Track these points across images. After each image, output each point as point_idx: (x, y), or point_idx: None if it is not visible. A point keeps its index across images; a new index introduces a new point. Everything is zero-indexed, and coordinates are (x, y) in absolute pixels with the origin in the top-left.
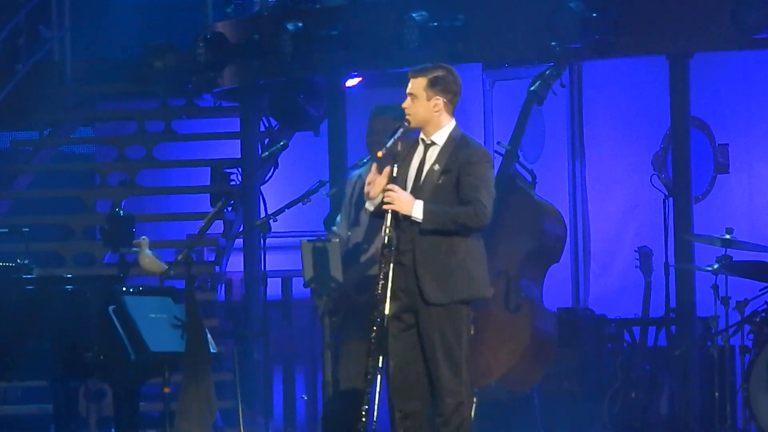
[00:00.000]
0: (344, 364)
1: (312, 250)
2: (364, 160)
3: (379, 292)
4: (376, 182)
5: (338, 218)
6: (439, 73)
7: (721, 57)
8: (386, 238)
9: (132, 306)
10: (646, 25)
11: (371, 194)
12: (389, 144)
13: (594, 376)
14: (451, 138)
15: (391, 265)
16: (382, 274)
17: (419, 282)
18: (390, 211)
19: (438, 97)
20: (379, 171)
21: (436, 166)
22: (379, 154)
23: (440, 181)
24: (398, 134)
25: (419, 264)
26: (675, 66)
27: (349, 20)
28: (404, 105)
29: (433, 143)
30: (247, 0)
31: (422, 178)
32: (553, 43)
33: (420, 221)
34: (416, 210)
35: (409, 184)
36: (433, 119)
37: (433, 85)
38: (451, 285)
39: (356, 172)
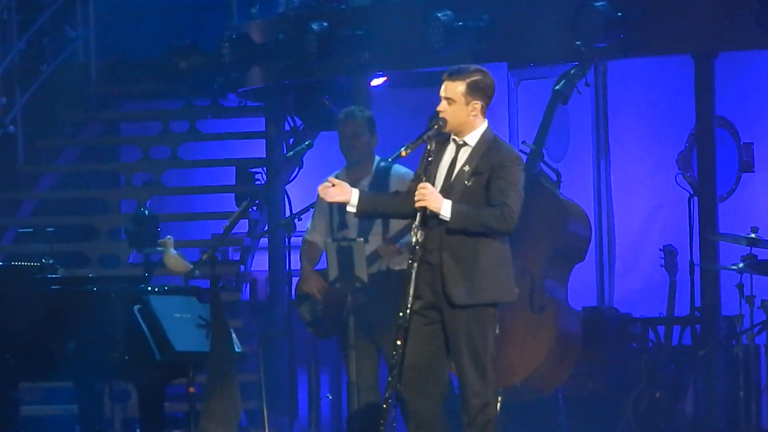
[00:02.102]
0: (350, 363)
1: (337, 250)
2: (392, 158)
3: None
4: (333, 191)
5: (309, 224)
6: (478, 77)
7: (745, 56)
8: (415, 236)
9: (157, 306)
10: (671, 25)
11: (322, 194)
12: (415, 142)
13: (619, 376)
14: (484, 139)
15: (415, 264)
16: (409, 271)
17: (445, 283)
18: (420, 208)
19: (477, 101)
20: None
21: (467, 168)
22: (404, 153)
23: (470, 183)
24: (431, 133)
25: (446, 265)
26: (700, 65)
27: (374, 20)
28: (440, 108)
29: (465, 144)
30: (272, 0)
31: (452, 178)
32: (578, 43)
33: (447, 220)
34: (444, 208)
35: (439, 183)
36: (469, 123)
37: (472, 89)
38: (477, 287)
39: (331, 175)
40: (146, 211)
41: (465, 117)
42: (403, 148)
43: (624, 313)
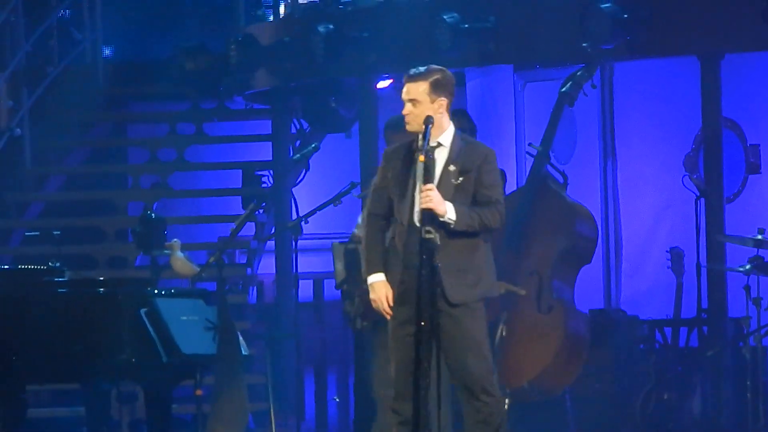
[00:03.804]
0: (379, 365)
1: (344, 252)
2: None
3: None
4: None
5: (359, 219)
6: (439, 75)
7: (752, 57)
8: (425, 238)
9: (164, 308)
10: (678, 26)
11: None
12: (426, 147)
13: (626, 378)
14: (456, 138)
15: (435, 263)
16: (426, 274)
17: (443, 283)
18: (425, 211)
19: (442, 98)
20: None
21: (452, 167)
22: (422, 158)
23: (459, 182)
24: (429, 135)
25: (442, 265)
26: (706, 66)
27: (380, 22)
28: (405, 111)
29: (440, 144)
30: (279, 2)
31: (436, 179)
32: (584, 44)
33: (453, 222)
34: (450, 211)
35: (418, 187)
36: (437, 121)
37: (436, 87)
38: (473, 284)
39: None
40: (153, 214)
41: (433, 115)
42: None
43: (631, 315)
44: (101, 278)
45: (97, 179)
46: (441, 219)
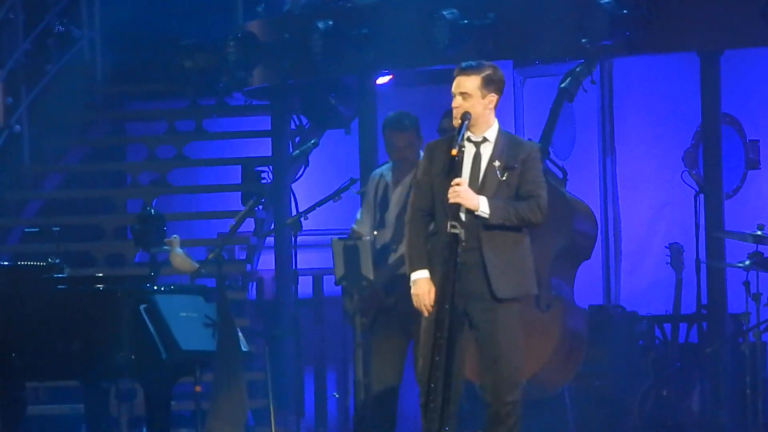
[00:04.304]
0: (376, 362)
1: (343, 249)
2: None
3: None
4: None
5: (358, 215)
6: (491, 71)
7: (751, 53)
8: (451, 234)
9: (163, 305)
10: (677, 22)
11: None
12: (460, 141)
13: (625, 374)
14: (501, 134)
15: (458, 260)
16: (446, 270)
17: (489, 279)
18: (455, 206)
19: (493, 94)
20: (449, 169)
21: (497, 163)
22: (454, 152)
23: (504, 178)
24: (464, 130)
25: (489, 261)
26: (706, 62)
27: (380, 19)
28: (455, 104)
29: (485, 140)
30: None
31: (481, 175)
32: (583, 40)
33: (487, 216)
34: (482, 205)
35: (464, 182)
36: (485, 117)
37: (488, 83)
38: (520, 280)
39: (378, 171)
40: (152, 211)
41: (482, 111)
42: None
43: (630, 311)
44: (100, 275)
45: (96, 177)
46: (476, 213)
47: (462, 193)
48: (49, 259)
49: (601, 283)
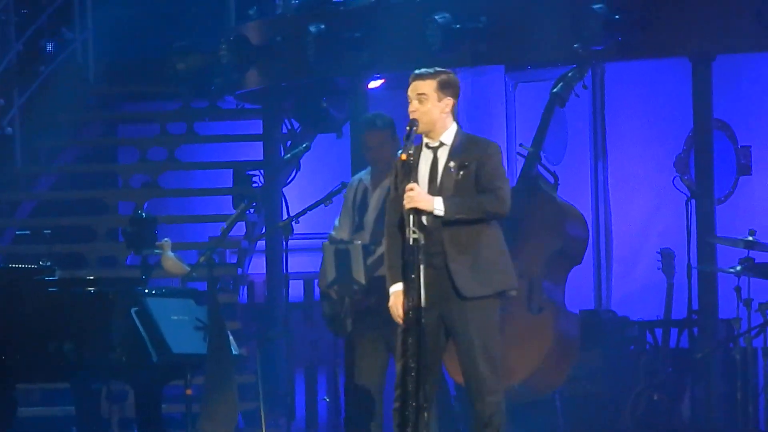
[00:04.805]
0: (358, 364)
1: (334, 253)
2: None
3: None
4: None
5: (337, 222)
6: (445, 75)
7: (743, 59)
8: (411, 239)
9: (154, 308)
10: (669, 27)
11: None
12: (407, 144)
13: (616, 378)
14: (459, 136)
15: (422, 266)
16: (411, 275)
17: (453, 278)
18: (412, 211)
19: (449, 98)
20: (403, 177)
21: (452, 164)
22: (404, 156)
23: (460, 177)
24: (411, 137)
25: (451, 260)
26: (698, 68)
27: (372, 22)
28: (412, 108)
29: (442, 144)
30: (270, 2)
31: (439, 178)
32: (575, 45)
33: (442, 214)
34: (437, 203)
35: (424, 187)
36: (441, 121)
37: (444, 86)
38: (486, 278)
39: (357, 176)
40: (144, 213)
41: (438, 114)
42: (401, 153)
43: (621, 316)
44: (92, 277)
45: (88, 179)
46: (435, 214)
47: (416, 196)
48: (41, 261)
49: (593, 287)
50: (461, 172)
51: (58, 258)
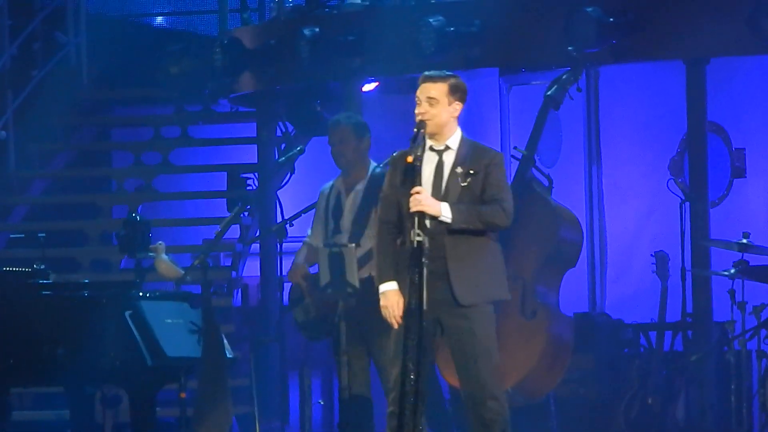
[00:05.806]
0: (349, 367)
1: (328, 256)
2: (383, 163)
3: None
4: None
5: (309, 230)
6: (456, 80)
7: (737, 62)
8: (415, 242)
9: (148, 311)
10: (663, 30)
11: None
12: (414, 147)
13: (610, 382)
14: (464, 141)
15: (424, 269)
16: (413, 277)
17: (451, 285)
18: (417, 214)
19: (458, 102)
20: (407, 178)
21: (459, 169)
22: (410, 158)
23: (466, 183)
24: (419, 139)
25: (451, 267)
26: (692, 71)
27: (366, 26)
28: (420, 110)
29: (447, 148)
30: (264, 5)
31: (444, 183)
32: (569, 48)
33: (449, 221)
34: (444, 210)
35: (428, 190)
36: (448, 125)
37: (454, 90)
38: (483, 286)
39: (328, 184)
40: (138, 217)
41: (447, 118)
42: (407, 154)
43: (615, 319)
44: (85, 281)
45: (82, 182)
46: (439, 219)
47: (423, 200)
48: (35, 265)
49: (587, 290)
50: (468, 180)
51: (51, 262)
